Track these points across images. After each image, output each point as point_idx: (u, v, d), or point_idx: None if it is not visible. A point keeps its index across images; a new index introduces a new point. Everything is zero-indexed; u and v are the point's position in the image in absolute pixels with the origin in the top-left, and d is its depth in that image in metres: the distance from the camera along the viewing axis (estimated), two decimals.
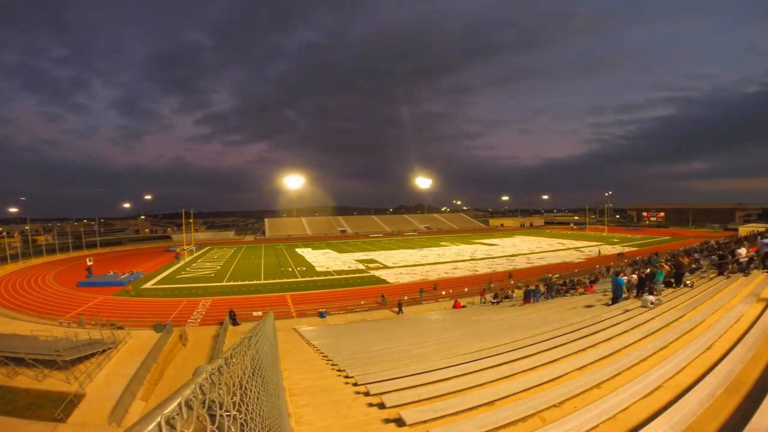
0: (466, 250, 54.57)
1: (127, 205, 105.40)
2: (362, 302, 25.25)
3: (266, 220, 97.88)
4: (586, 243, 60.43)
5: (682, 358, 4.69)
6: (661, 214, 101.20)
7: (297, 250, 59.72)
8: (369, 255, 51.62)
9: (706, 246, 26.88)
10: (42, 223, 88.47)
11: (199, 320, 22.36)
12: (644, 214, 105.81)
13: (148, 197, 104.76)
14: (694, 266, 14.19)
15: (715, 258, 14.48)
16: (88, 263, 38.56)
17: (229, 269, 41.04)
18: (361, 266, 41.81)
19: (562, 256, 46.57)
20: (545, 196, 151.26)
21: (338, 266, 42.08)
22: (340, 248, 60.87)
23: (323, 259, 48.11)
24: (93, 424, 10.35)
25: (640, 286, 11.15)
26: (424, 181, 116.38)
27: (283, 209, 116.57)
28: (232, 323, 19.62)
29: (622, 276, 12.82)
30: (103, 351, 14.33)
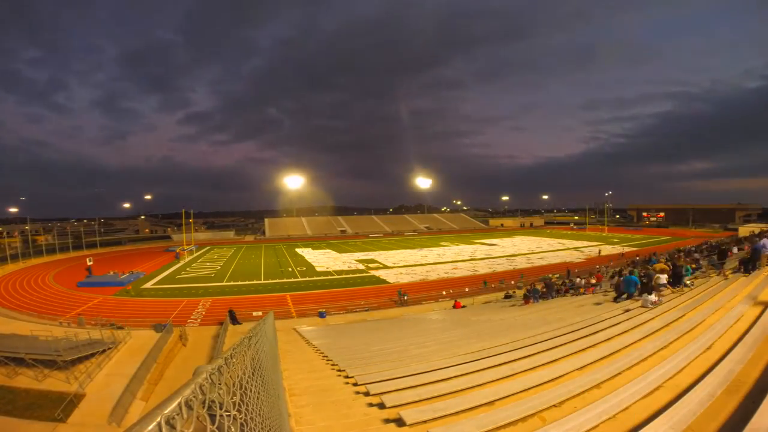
0: (466, 250, 54.58)
1: (127, 205, 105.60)
2: (362, 302, 25.26)
3: (266, 220, 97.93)
4: (586, 243, 60.45)
5: (682, 358, 4.69)
6: (661, 214, 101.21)
7: (297, 250, 59.73)
8: (369, 255, 51.63)
9: (705, 246, 26.92)
10: (42, 223, 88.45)
11: (199, 320, 22.37)
12: (644, 214, 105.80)
13: (148, 197, 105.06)
14: (693, 266, 14.20)
15: (714, 258, 14.52)
16: (88, 263, 38.58)
17: (229, 269, 41.05)
18: (361, 266, 41.82)
19: (562, 256, 46.57)
20: (545, 196, 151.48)
21: (338, 266, 42.09)
22: (340, 248, 60.89)
23: (323, 259, 48.12)
24: (93, 424, 10.34)
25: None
26: (423, 181, 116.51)
27: (283, 209, 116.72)
28: (232, 323, 19.62)
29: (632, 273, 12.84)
30: (103, 351, 14.32)
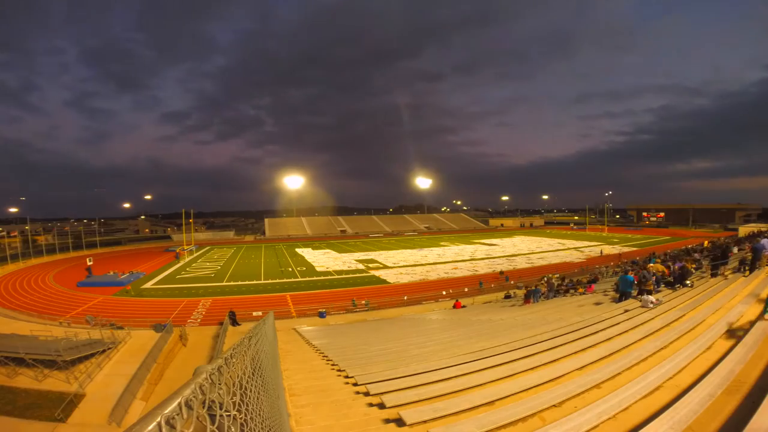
0: (466, 250, 54.59)
1: (126, 205, 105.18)
2: (363, 302, 25.24)
3: (266, 220, 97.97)
4: (586, 243, 60.47)
5: (682, 358, 4.69)
6: (661, 214, 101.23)
7: (297, 250, 59.74)
8: (369, 255, 51.63)
9: (699, 247, 26.95)
10: (42, 223, 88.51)
11: (199, 320, 22.36)
12: (644, 214, 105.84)
13: (148, 197, 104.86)
14: (693, 267, 14.21)
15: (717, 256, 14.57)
16: (88, 263, 38.59)
17: (229, 269, 41.05)
18: (361, 266, 41.83)
19: (562, 256, 46.60)
20: (545, 196, 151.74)
21: (338, 266, 42.09)
22: (340, 248, 60.89)
23: (323, 259, 48.12)
24: (93, 424, 10.34)
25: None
26: (423, 181, 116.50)
27: (283, 209, 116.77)
28: (232, 324, 19.61)
29: (631, 273, 12.90)
30: (103, 351, 14.31)
